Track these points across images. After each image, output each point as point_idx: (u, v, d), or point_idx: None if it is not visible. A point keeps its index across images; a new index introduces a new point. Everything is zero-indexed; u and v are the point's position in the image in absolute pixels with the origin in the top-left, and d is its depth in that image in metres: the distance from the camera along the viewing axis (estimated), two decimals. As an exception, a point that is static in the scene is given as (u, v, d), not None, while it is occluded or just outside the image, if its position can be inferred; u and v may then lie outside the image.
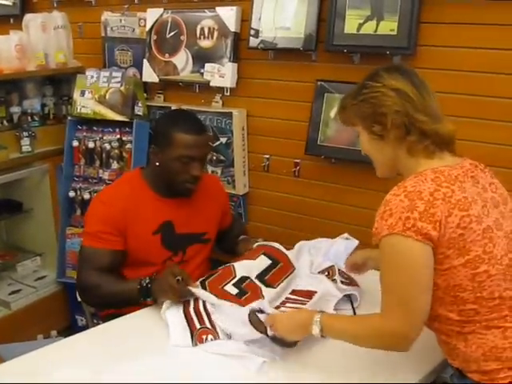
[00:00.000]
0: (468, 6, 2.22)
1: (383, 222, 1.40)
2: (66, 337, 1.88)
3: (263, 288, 1.90)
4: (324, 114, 2.61)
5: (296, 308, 1.86)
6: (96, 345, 1.75)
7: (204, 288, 1.84)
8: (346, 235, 2.33)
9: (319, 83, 2.61)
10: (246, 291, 1.85)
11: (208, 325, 1.74)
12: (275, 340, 1.63)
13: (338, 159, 2.62)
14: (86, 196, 3.14)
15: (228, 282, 1.87)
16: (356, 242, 2.30)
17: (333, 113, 2.59)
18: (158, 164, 2.09)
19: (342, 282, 2.05)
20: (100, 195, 2.26)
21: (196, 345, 1.70)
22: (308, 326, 1.53)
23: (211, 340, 1.70)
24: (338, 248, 2.27)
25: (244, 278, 1.90)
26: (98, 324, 2.12)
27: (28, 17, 3.17)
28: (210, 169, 2.95)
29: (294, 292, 2.00)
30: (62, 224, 3.21)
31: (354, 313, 1.92)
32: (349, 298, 1.98)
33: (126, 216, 2.05)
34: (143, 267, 2.04)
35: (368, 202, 2.61)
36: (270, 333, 1.63)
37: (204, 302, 1.80)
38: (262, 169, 2.90)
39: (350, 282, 2.08)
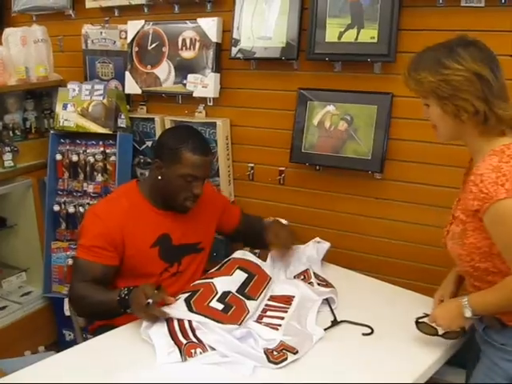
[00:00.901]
0: (445, 13, 2.26)
1: (498, 186, 1.49)
2: (57, 352, 1.86)
3: (246, 301, 1.92)
4: (307, 122, 2.63)
5: (279, 317, 1.89)
6: (88, 359, 1.74)
7: (189, 307, 1.82)
8: (317, 239, 2.35)
9: (301, 91, 2.63)
10: (231, 305, 1.86)
11: (194, 339, 1.72)
12: (445, 335, 1.73)
13: (323, 166, 2.64)
14: (71, 210, 3.12)
15: (212, 299, 1.87)
16: (328, 245, 2.32)
17: (316, 120, 2.61)
18: (160, 178, 2.09)
19: (318, 284, 2.10)
20: (97, 209, 2.21)
21: (186, 360, 1.68)
22: (461, 312, 1.62)
23: (200, 353, 1.69)
24: (311, 252, 2.30)
25: (226, 293, 1.91)
26: (88, 338, 2.11)
27: (7, 31, 3.16)
28: (195, 179, 2.95)
29: (271, 298, 2.02)
30: (47, 238, 3.18)
31: (333, 314, 1.95)
32: (326, 300, 2.01)
33: (123, 231, 2.05)
34: (139, 279, 2.03)
35: (353, 208, 2.64)
36: (441, 331, 1.72)
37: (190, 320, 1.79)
38: (246, 177, 2.92)
39: (326, 284, 2.13)
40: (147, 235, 2.11)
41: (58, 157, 3.14)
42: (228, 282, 1.98)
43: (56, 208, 3.16)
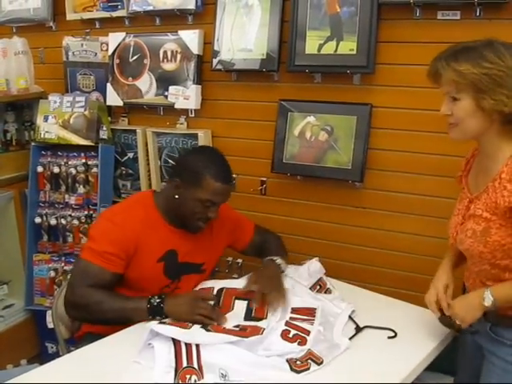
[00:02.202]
0: (422, 26, 2.31)
1: None
2: (40, 365, 1.84)
3: (257, 323, 1.88)
4: (288, 133, 2.66)
5: (305, 330, 1.85)
6: (74, 370, 1.72)
7: (207, 330, 1.81)
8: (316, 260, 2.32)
9: (282, 103, 2.66)
10: (245, 328, 1.84)
11: (195, 364, 1.69)
12: (465, 329, 1.71)
13: (304, 176, 2.68)
14: (53, 222, 3.13)
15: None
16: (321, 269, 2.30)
17: (296, 131, 2.64)
18: (176, 197, 2.06)
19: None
20: (112, 215, 2.13)
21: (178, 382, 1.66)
22: (481, 302, 1.61)
23: (194, 381, 1.65)
24: (315, 266, 2.28)
25: (237, 326, 1.88)
26: (71, 350, 2.09)
27: (-12, 43, 3.16)
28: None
29: (293, 311, 1.97)
30: (29, 251, 3.18)
31: (355, 322, 1.95)
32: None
33: (138, 239, 2.03)
34: (138, 291, 2.01)
35: (334, 217, 2.67)
36: (463, 325, 1.69)
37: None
38: (228, 188, 2.93)
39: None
40: (156, 249, 2.08)
41: (40, 169, 3.14)
42: (233, 317, 1.94)
43: (37, 220, 3.16)
